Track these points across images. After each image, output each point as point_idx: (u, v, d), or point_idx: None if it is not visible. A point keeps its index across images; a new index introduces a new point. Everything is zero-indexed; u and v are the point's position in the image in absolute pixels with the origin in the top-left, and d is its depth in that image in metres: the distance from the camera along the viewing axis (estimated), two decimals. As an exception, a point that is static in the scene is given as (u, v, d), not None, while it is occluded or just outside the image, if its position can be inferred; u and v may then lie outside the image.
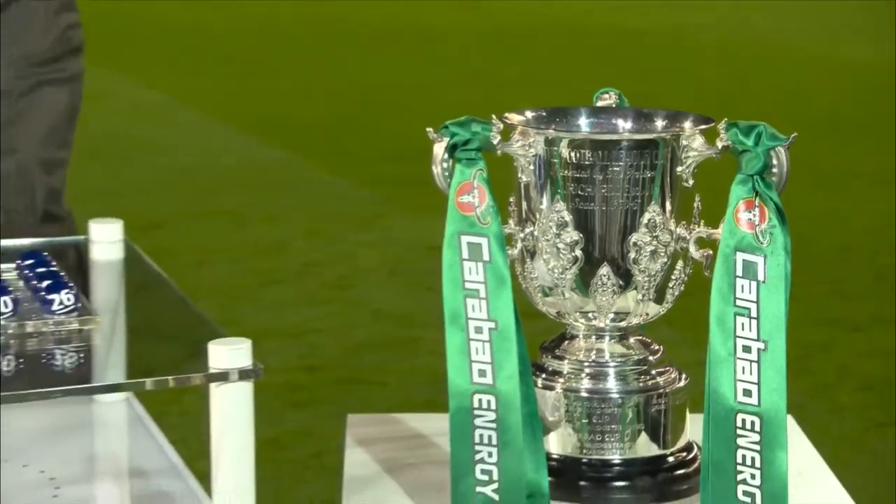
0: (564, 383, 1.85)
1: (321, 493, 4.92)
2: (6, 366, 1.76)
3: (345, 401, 5.66)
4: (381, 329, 7.04)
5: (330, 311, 7.36)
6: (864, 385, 5.97)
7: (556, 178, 1.79)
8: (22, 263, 1.93)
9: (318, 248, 8.50)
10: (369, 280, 7.91)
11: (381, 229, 8.92)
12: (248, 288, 7.46)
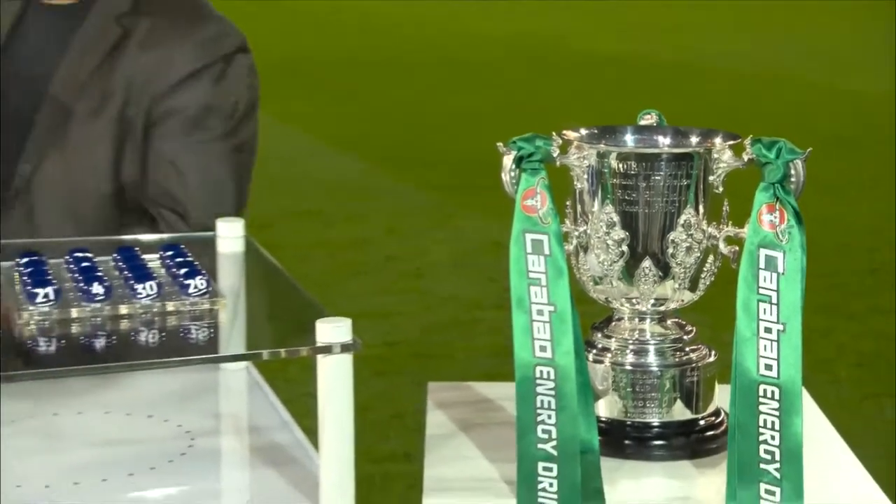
0: (612, 358, 1.85)
1: (402, 447, 4.94)
2: (152, 338, 1.77)
3: (419, 372, 5.69)
4: (449, 312, 7.06)
5: (407, 297, 7.39)
6: (859, 362, 5.94)
7: (606, 185, 1.79)
8: (163, 254, 1.94)
9: (397, 244, 8.53)
10: (440, 271, 7.93)
11: (449, 229, 8.95)
12: (340, 277, 7.50)
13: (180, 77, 2.57)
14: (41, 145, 2.55)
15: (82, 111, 2.55)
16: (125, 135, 2.56)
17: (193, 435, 1.85)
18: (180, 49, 2.59)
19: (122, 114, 2.55)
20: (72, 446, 1.83)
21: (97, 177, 2.55)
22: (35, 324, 1.75)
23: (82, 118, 2.55)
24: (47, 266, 1.87)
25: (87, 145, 2.55)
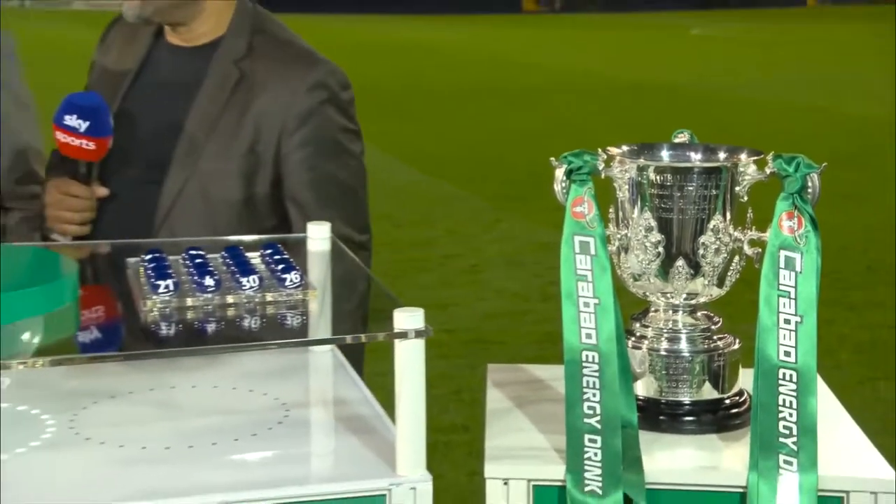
0: (649, 344, 1.84)
1: (461, 419, 4.96)
2: (253, 324, 1.78)
3: (474, 355, 5.71)
4: (500, 304, 7.06)
5: (463, 290, 7.40)
6: (857, 349, 5.90)
7: (645, 195, 1.79)
8: (264, 252, 1.95)
9: (455, 244, 8.54)
10: (492, 268, 7.95)
11: (500, 231, 8.96)
12: (406, 272, 7.51)
13: (300, 115, 2.58)
14: (181, 177, 2.58)
15: (215, 147, 2.58)
16: (256, 166, 2.58)
17: (288, 407, 1.85)
18: (298, 91, 2.59)
19: (252, 149, 2.58)
20: (186, 415, 1.83)
21: (231, 195, 2.58)
22: (157, 311, 1.76)
23: (216, 153, 2.58)
24: (167, 262, 1.88)
25: (221, 177, 2.58)
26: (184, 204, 2.57)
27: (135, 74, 2.68)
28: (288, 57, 2.64)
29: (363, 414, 1.82)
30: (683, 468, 1.73)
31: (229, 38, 2.63)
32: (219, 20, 2.63)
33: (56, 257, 1.81)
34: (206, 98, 2.59)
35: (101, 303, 1.89)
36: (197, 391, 1.91)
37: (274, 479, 1.60)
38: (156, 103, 2.64)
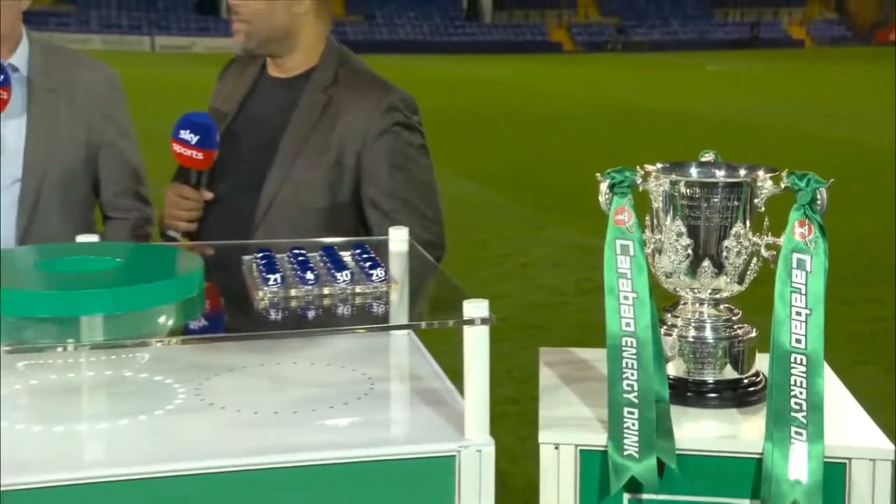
0: (678, 332, 1.83)
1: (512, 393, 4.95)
2: (345, 311, 1.78)
3: (523, 340, 5.70)
4: (545, 296, 7.05)
5: (513, 284, 7.39)
6: (851, 339, 5.84)
7: (676, 205, 1.78)
8: (354, 252, 1.95)
9: (507, 246, 8.55)
10: (537, 266, 7.94)
11: (544, 235, 8.97)
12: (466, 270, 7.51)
13: (379, 133, 2.59)
14: (276, 185, 2.59)
15: (305, 160, 2.59)
16: (340, 176, 2.59)
17: (372, 381, 1.85)
18: (376, 113, 2.60)
19: (337, 161, 2.58)
20: (290, 386, 1.84)
21: (319, 202, 2.59)
22: (267, 300, 1.77)
23: (307, 165, 2.59)
24: (275, 260, 1.89)
25: (310, 185, 2.59)
26: (278, 209, 2.59)
27: (242, 100, 2.71)
28: (366, 85, 2.65)
29: (435, 387, 1.82)
30: (708, 437, 1.72)
31: (319, 69, 2.64)
32: (309, 55, 2.65)
33: (185, 255, 1.83)
34: (298, 119, 2.61)
35: (221, 293, 1.91)
36: (298, 367, 1.92)
37: (361, 441, 1.61)
38: (257, 124, 2.67)
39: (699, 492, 1.68)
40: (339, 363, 1.93)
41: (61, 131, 2.74)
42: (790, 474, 1.63)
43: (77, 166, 2.78)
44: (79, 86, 2.78)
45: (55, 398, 1.77)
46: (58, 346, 1.64)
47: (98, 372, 1.79)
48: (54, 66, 2.77)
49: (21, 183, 2.71)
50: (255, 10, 2.55)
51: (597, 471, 1.69)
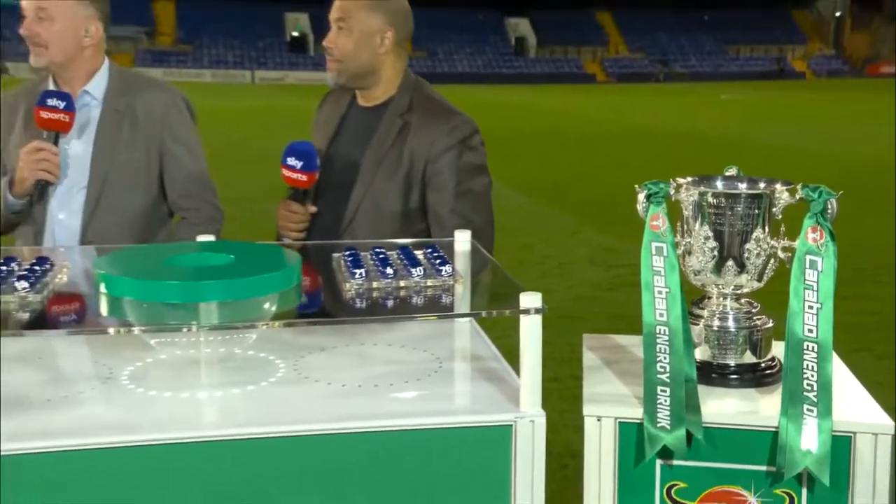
0: (705, 322, 1.81)
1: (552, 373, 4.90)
2: (419, 301, 1.77)
3: (562, 327, 5.66)
4: (582, 291, 7.01)
5: (555, 280, 7.35)
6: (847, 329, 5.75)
7: (704, 213, 1.76)
8: (426, 251, 1.95)
9: (548, 248, 8.51)
10: (575, 265, 7.89)
11: (581, 238, 8.92)
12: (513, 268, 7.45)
13: (441, 150, 2.58)
14: (360, 194, 2.59)
15: (383, 173, 2.59)
16: (410, 186, 2.58)
17: (440, 360, 1.85)
18: (440, 134, 2.59)
19: (407, 174, 2.58)
20: (371, 364, 1.85)
21: (394, 208, 2.59)
22: (353, 290, 1.77)
23: (384, 177, 2.59)
24: (360, 257, 1.89)
25: (386, 193, 2.58)
26: (362, 214, 2.59)
27: (336, 126, 2.72)
28: (435, 110, 2.64)
29: (493, 367, 1.82)
30: (730, 412, 1.69)
31: (397, 98, 2.64)
32: (389, 86, 2.65)
33: (286, 253, 1.83)
34: (378, 140, 2.61)
35: (315, 284, 1.92)
36: (378, 347, 1.92)
37: (431, 411, 1.61)
38: (347, 146, 2.67)
39: (722, 459, 1.66)
40: (412, 345, 1.93)
41: (123, 145, 2.74)
42: (802, 445, 1.61)
43: (137, 174, 2.77)
44: (142, 106, 2.78)
45: (179, 370, 1.79)
46: (182, 328, 1.65)
47: (213, 349, 1.80)
48: (126, 91, 2.78)
49: (86, 189, 2.72)
50: (345, 51, 2.57)
51: (633, 440, 1.68)
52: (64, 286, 1.78)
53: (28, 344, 1.87)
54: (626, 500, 1.68)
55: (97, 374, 1.75)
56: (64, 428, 1.52)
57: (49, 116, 2.58)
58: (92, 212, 2.71)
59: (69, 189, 2.70)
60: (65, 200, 2.71)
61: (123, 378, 1.73)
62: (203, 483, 1.51)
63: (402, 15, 2.63)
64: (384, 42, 2.59)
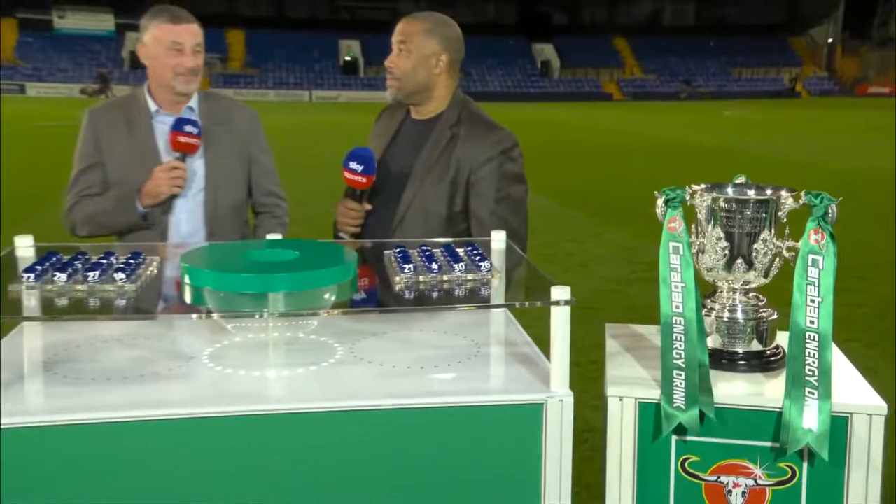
0: (716, 313, 1.78)
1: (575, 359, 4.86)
2: (460, 292, 1.76)
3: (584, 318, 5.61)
4: (603, 285, 6.95)
5: (576, 276, 7.30)
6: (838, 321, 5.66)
7: (717, 216, 1.73)
8: (467, 248, 1.94)
9: (572, 246, 8.45)
10: (597, 262, 7.83)
11: (602, 239, 8.84)
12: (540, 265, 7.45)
13: (485, 160, 2.56)
14: (410, 196, 2.58)
15: (432, 178, 2.57)
16: (455, 191, 2.56)
17: (478, 345, 1.84)
18: (485, 145, 2.57)
19: (453, 180, 2.56)
20: (417, 348, 1.84)
21: (440, 210, 2.57)
22: (402, 283, 1.77)
23: (432, 182, 2.57)
24: (409, 254, 1.88)
25: (434, 196, 2.57)
26: (411, 214, 2.58)
27: (391, 137, 2.71)
28: (480, 124, 2.63)
29: (526, 352, 1.80)
30: (738, 394, 1.67)
31: (447, 113, 2.63)
32: (440, 102, 2.64)
33: (344, 249, 1.83)
34: (428, 150, 2.60)
35: (369, 278, 1.91)
36: (423, 333, 1.92)
37: (469, 390, 1.61)
38: (400, 154, 2.66)
39: (731, 436, 1.64)
40: (454, 332, 1.92)
41: (225, 154, 2.82)
42: (804, 424, 1.58)
43: (237, 177, 2.86)
44: (234, 121, 2.87)
45: (251, 351, 1.80)
46: (254, 315, 1.66)
47: (280, 333, 1.81)
48: (214, 109, 2.86)
49: (204, 191, 2.79)
50: (405, 70, 2.57)
51: (651, 418, 1.66)
52: (154, 277, 1.80)
53: (123, 327, 1.89)
54: (645, 471, 1.66)
55: (181, 354, 1.77)
56: (153, 400, 1.54)
57: (185, 140, 2.68)
58: (212, 213, 2.80)
59: (186, 193, 2.77)
60: (185, 204, 2.78)
61: (204, 357, 1.74)
62: (270, 451, 1.52)
63: (455, 41, 2.62)
64: (439, 64, 2.58)
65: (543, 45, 61.70)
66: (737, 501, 1.64)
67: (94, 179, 2.77)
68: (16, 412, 1.47)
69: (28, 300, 1.63)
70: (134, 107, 2.79)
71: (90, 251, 1.85)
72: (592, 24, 64.49)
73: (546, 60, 60.95)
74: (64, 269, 1.67)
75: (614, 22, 64.35)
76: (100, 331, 1.87)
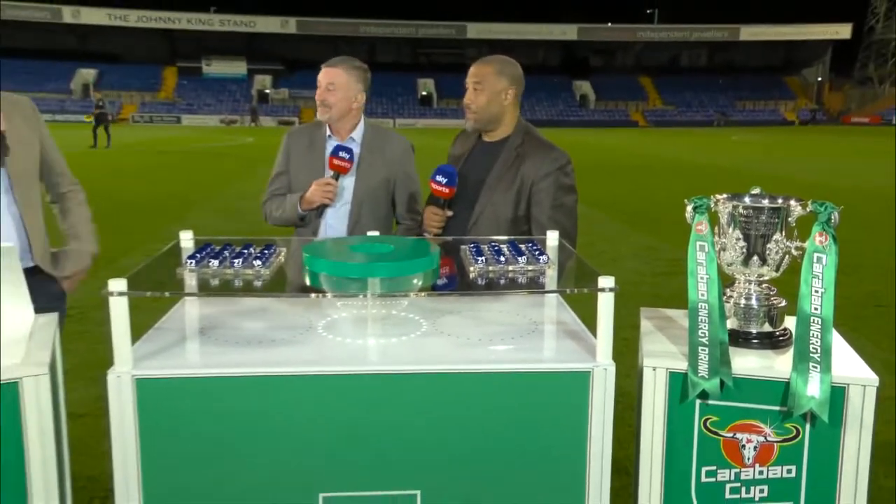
0: (734, 300, 1.73)
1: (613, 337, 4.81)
2: (522, 280, 1.75)
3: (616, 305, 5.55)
4: (629, 277, 6.79)
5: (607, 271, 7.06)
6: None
7: (736, 220, 1.68)
8: (528, 245, 1.93)
9: (605, 245, 8.29)
10: (624, 259, 7.67)
11: (630, 240, 8.65)
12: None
13: (544, 174, 2.53)
14: (483, 204, 2.55)
15: (500, 189, 2.54)
16: (519, 199, 2.53)
17: (536, 323, 1.82)
18: (543, 163, 2.53)
19: (518, 190, 2.53)
20: (486, 324, 1.82)
21: (507, 215, 2.54)
22: (476, 272, 1.76)
23: (501, 192, 2.54)
24: (481, 248, 1.87)
25: (502, 203, 2.54)
26: (483, 218, 2.55)
27: (467, 156, 2.69)
28: (540, 145, 2.59)
29: (575, 329, 1.78)
30: (753, 367, 1.63)
31: (513, 136, 2.60)
32: (507, 128, 2.61)
33: (429, 244, 1.83)
34: (498, 167, 2.57)
35: (449, 267, 1.90)
36: (491, 312, 1.90)
37: (529, 359, 1.59)
38: (475, 170, 2.63)
39: (746, 401, 1.60)
40: (515, 312, 1.90)
41: (374, 176, 2.79)
42: (808, 392, 1.54)
43: (381, 196, 2.82)
44: (386, 149, 2.83)
45: (354, 324, 1.81)
46: (358, 295, 1.67)
47: (378, 310, 1.82)
48: (375, 138, 2.83)
49: (349, 204, 2.79)
50: (480, 105, 2.54)
51: (679, 385, 1.63)
52: (283, 265, 1.82)
53: (259, 302, 1.92)
54: (673, 428, 1.63)
55: (301, 325, 1.79)
56: (279, 360, 1.56)
57: (339, 164, 2.68)
58: (355, 222, 2.79)
59: (335, 204, 2.78)
60: (334, 212, 2.79)
61: (319, 328, 1.76)
62: (367, 403, 1.53)
63: (519, 78, 2.60)
64: (507, 97, 2.56)
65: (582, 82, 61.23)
66: (749, 454, 1.60)
67: (282, 183, 2.83)
68: (177, 365, 1.53)
69: (189, 280, 1.68)
70: (317, 132, 2.82)
71: (234, 244, 1.89)
72: (622, 66, 63.76)
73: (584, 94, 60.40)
74: (216, 257, 1.72)
75: (640, 64, 63.60)
76: (241, 305, 1.91)
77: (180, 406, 1.50)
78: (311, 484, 1.52)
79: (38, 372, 1.48)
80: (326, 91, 2.73)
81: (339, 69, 2.74)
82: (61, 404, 1.62)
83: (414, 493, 1.53)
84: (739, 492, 1.61)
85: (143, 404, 1.49)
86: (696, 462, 1.61)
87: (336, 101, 2.73)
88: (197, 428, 1.50)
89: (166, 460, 1.50)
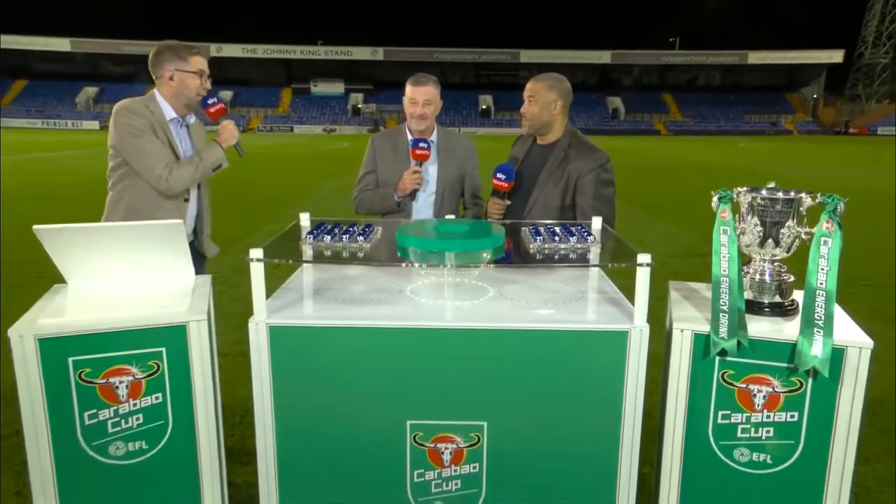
0: (751, 276, 1.66)
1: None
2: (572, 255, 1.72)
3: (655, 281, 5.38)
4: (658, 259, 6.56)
5: (636, 251, 6.96)
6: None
7: (755, 209, 1.61)
8: (577, 227, 1.91)
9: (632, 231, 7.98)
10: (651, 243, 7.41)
11: (656, 228, 8.38)
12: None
13: (588, 171, 2.46)
14: (536, 195, 2.52)
15: (551, 183, 2.49)
16: (566, 192, 2.47)
17: (582, 291, 1.79)
18: (588, 161, 2.47)
19: (566, 184, 2.48)
20: (541, 292, 1.81)
21: (556, 204, 2.49)
22: (534, 249, 1.74)
23: (552, 186, 2.50)
24: (539, 229, 1.85)
25: (552, 196, 2.49)
26: (537, 207, 2.51)
27: (524, 156, 2.65)
28: (585, 147, 2.53)
29: (615, 297, 1.75)
30: (765, 330, 1.56)
31: (562, 140, 2.55)
32: (557, 133, 2.56)
33: (495, 226, 1.82)
34: (549, 165, 2.52)
35: (512, 244, 1.89)
36: (546, 282, 1.88)
37: (578, 320, 1.57)
38: (530, 167, 2.59)
39: (758, 358, 1.55)
40: (566, 282, 1.88)
41: (450, 169, 2.77)
42: (812, 352, 1.47)
43: (456, 185, 2.80)
44: (458, 148, 2.81)
45: (433, 289, 1.82)
46: (438, 265, 1.68)
47: (453, 278, 1.82)
48: (447, 140, 2.82)
49: (435, 194, 2.77)
50: (533, 114, 2.51)
51: (702, 344, 1.58)
52: (379, 240, 1.85)
53: (362, 270, 1.95)
54: (696, 380, 1.59)
55: (392, 288, 1.80)
56: (376, 315, 1.58)
57: (421, 152, 2.67)
58: (439, 207, 2.78)
59: (425, 189, 2.78)
60: (424, 198, 2.79)
61: (407, 291, 1.77)
62: (444, 354, 1.54)
63: (566, 91, 2.55)
64: (556, 107, 2.51)
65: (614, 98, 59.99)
66: (759, 402, 1.55)
67: (370, 180, 2.82)
68: (300, 317, 1.58)
69: (307, 251, 1.72)
70: (398, 135, 2.81)
71: (343, 223, 1.92)
72: (648, 84, 62.26)
73: (615, 108, 59.10)
74: (329, 234, 1.76)
75: (664, 83, 62.15)
76: (348, 271, 1.94)
77: (302, 348, 1.55)
78: (401, 412, 1.55)
79: (199, 318, 1.55)
80: (425, 105, 2.70)
81: (432, 87, 2.71)
82: (214, 344, 1.70)
83: (481, 423, 1.55)
84: (749, 432, 1.56)
85: (274, 345, 1.54)
86: (714, 407, 1.57)
87: (431, 113, 2.72)
88: (314, 365, 1.55)
89: (291, 388, 1.56)
